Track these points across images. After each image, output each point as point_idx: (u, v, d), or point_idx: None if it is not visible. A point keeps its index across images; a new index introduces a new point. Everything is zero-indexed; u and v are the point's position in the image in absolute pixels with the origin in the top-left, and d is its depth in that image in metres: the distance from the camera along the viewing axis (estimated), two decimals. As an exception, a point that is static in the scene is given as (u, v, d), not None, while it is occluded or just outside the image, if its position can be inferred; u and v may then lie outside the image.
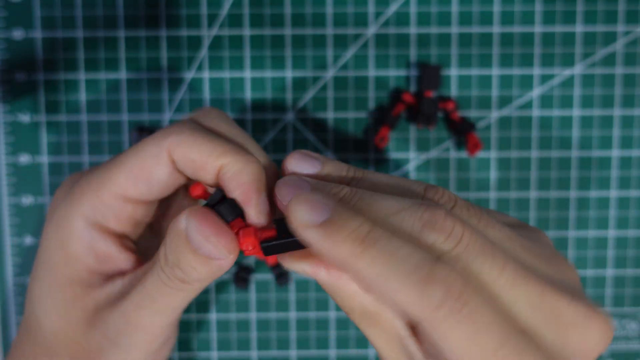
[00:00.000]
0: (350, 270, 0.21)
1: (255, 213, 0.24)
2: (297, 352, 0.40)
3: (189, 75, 0.39)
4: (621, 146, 0.39)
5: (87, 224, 0.26)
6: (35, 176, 0.39)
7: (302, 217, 0.21)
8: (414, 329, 0.22)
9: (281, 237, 0.23)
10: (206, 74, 0.39)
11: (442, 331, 0.19)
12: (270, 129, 0.39)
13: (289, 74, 0.39)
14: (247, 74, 0.38)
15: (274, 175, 0.26)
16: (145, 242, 0.29)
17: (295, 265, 0.23)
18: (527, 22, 0.38)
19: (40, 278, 0.27)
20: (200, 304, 0.40)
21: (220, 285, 0.40)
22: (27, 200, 0.39)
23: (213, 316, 0.40)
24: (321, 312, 0.39)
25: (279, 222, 0.23)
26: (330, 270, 0.23)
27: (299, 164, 0.25)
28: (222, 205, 0.24)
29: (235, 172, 0.24)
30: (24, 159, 0.39)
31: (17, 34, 0.38)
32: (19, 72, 0.38)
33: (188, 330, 0.40)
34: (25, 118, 0.39)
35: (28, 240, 0.39)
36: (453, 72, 0.39)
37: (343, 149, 0.39)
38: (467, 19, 0.38)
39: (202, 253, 0.23)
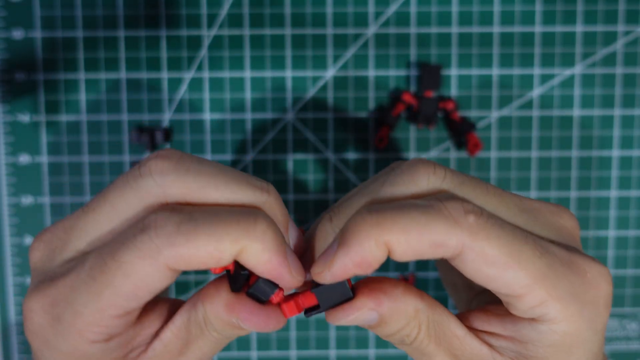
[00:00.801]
0: (381, 246, 0.21)
1: (291, 280, 0.23)
2: (297, 352, 0.40)
3: (189, 75, 0.39)
4: (621, 146, 0.39)
5: (101, 345, 0.23)
6: (35, 176, 0.39)
7: (319, 267, 0.22)
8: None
9: (325, 295, 0.23)
10: (206, 74, 0.39)
11: (483, 247, 0.21)
12: (270, 129, 0.39)
13: (289, 74, 0.39)
14: (247, 74, 0.38)
15: (282, 211, 0.25)
16: None
17: (353, 316, 0.23)
18: (527, 22, 0.38)
19: None
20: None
21: (220, 285, 0.40)
22: (26, 200, 0.39)
23: (213, 316, 0.40)
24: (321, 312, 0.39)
25: (316, 286, 0.23)
26: (386, 291, 0.23)
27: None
28: (256, 287, 0.23)
29: (257, 255, 0.22)
30: (24, 159, 0.39)
31: (17, 33, 0.38)
32: (18, 72, 0.38)
33: (188, 330, 0.40)
34: (25, 118, 0.39)
35: (28, 240, 0.39)
36: (453, 72, 0.39)
37: (343, 149, 0.39)
38: (467, 19, 0.38)
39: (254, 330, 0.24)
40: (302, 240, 0.25)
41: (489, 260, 0.21)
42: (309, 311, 0.23)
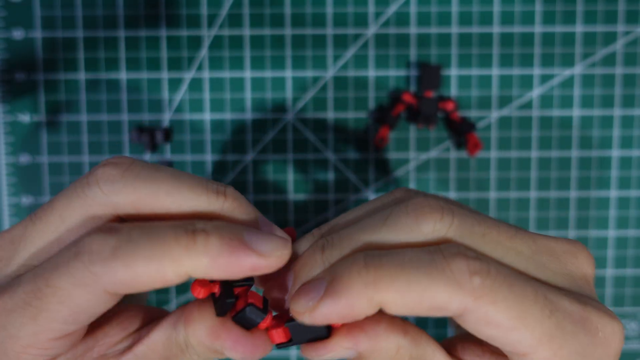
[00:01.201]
0: (374, 305, 0.19)
1: (268, 264, 0.21)
2: (297, 352, 0.40)
3: (189, 75, 0.39)
4: (621, 146, 0.39)
5: None
6: (36, 176, 0.39)
7: (304, 304, 0.20)
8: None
9: (300, 337, 0.22)
10: (206, 74, 0.39)
11: (487, 312, 0.19)
12: (270, 129, 0.39)
13: (289, 74, 0.39)
14: (247, 74, 0.38)
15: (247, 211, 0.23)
16: None
17: (327, 355, 0.22)
18: (527, 22, 0.38)
19: None
20: (200, 304, 0.40)
21: (220, 285, 0.40)
22: (27, 200, 0.39)
23: (213, 316, 0.40)
24: (321, 312, 0.39)
25: (290, 320, 0.22)
26: (365, 330, 0.21)
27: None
28: (243, 315, 0.21)
29: (208, 268, 0.20)
30: (24, 159, 0.39)
31: (18, 33, 0.38)
32: (19, 72, 0.38)
33: (188, 330, 0.40)
34: (25, 118, 0.39)
35: (28, 240, 0.39)
36: (453, 72, 0.39)
37: (343, 149, 0.39)
38: (467, 19, 0.38)
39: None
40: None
41: (492, 323, 0.19)
42: (281, 345, 0.22)
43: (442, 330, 0.40)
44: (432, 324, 0.40)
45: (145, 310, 0.24)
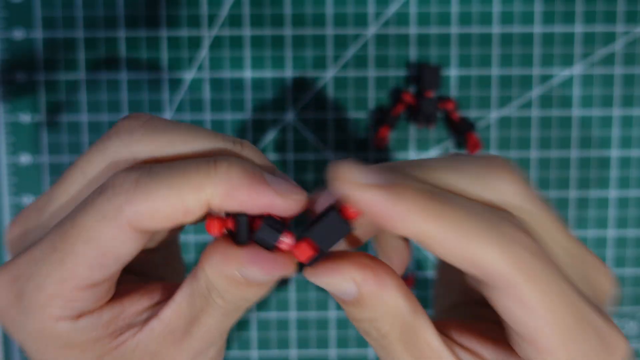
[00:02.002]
0: (423, 233, 0.18)
1: (285, 203, 0.20)
2: (297, 352, 0.40)
3: (190, 75, 0.39)
4: (621, 146, 0.39)
5: (70, 323, 0.21)
6: (36, 176, 0.39)
7: (359, 177, 0.18)
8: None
9: (324, 231, 0.20)
10: (206, 74, 0.39)
11: (522, 291, 0.18)
12: (271, 129, 0.39)
13: (289, 74, 0.39)
14: (248, 74, 0.39)
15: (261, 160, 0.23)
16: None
17: (331, 278, 0.21)
18: (526, 22, 0.38)
19: None
20: (200, 303, 0.40)
21: (221, 285, 0.40)
22: (28, 200, 0.39)
23: (213, 316, 0.40)
24: (321, 312, 0.40)
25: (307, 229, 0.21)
26: (376, 274, 0.20)
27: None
28: (261, 231, 0.20)
29: (227, 193, 0.20)
30: (25, 159, 0.39)
31: (18, 34, 0.38)
32: (19, 72, 0.38)
33: (188, 329, 0.40)
34: (26, 118, 0.39)
35: (29, 240, 0.40)
36: (453, 72, 0.39)
37: (343, 149, 0.39)
38: (466, 19, 0.38)
39: (265, 281, 0.21)
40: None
41: (526, 307, 0.19)
42: (311, 260, 0.21)
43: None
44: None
45: (174, 286, 0.23)
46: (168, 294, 0.23)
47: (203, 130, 0.21)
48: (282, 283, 0.39)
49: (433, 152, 0.39)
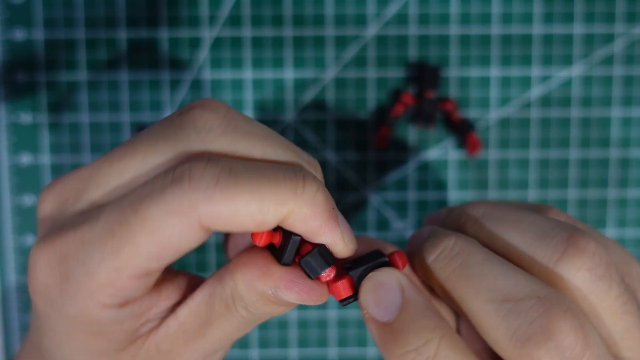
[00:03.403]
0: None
1: (344, 249, 0.20)
2: (297, 352, 0.40)
3: (190, 76, 0.39)
4: (620, 146, 0.39)
5: (114, 312, 0.20)
6: (37, 176, 0.39)
7: (366, 305, 0.19)
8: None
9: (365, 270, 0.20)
10: (207, 75, 0.39)
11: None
12: (271, 129, 0.39)
13: (289, 74, 0.39)
14: (248, 74, 0.39)
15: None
16: None
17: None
18: (526, 22, 0.38)
19: None
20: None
21: (221, 285, 0.40)
22: (29, 200, 0.39)
23: (214, 315, 0.40)
24: (321, 312, 0.40)
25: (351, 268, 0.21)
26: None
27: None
28: (311, 257, 0.19)
29: (306, 220, 0.19)
30: (26, 159, 0.39)
31: (19, 34, 0.38)
32: (20, 73, 0.39)
33: (189, 329, 0.40)
34: (27, 118, 0.39)
35: (29, 240, 0.40)
36: (452, 72, 0.39)
37: (343, 149, 0.39)
38: (466, 19, 0.38)
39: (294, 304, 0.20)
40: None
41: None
42: (346, 300, 0.21)
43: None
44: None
45: (199, 280, 0.22)
46: (190, 290, 0.22)
47: (282, 139, 0.20)
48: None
49: (433, 152, 0.39)
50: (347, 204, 0.39)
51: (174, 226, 0.18)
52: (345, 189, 0.39)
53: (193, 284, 0.22)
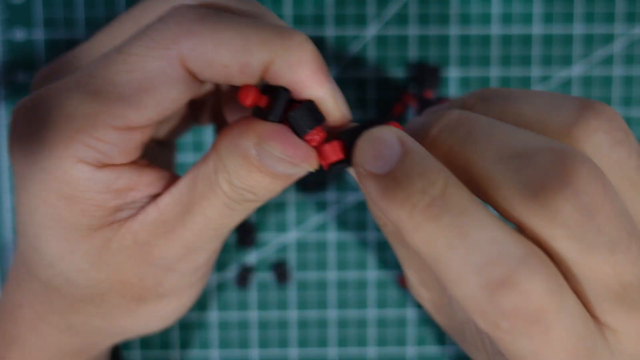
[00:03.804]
0: (405, 237, 0.17)
1: (336, 110, 0.19)
2: (297, 352, 0.40)
3: (190, 76, 0.39)
4: (620, 146, 0.39)
5: (89, 171, 0.19)
6: (37, 176, 0.39)
7: (363, 161, 0.18)
8: None
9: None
10: (207, 75, 0.39)
11: (507, 345, 0.16)
12: (271, 129, 0.39)
13: (289, 74, 0.39)
14: (248, 74, 0.39)
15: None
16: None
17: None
18: (526, 23, 0.38)
19: (53, 243, 0.20)
20: (200, 303, 0.40)
21: (221, 285, 0.40)
22: (28, 200, 0.39)
23: (214, 315, 0.40)
24: (321, 312, 0.40)
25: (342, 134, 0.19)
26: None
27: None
28: (297, 113, 0.18)
29: (294, 67, 0.18)
30: (26, 159, 0.39)
31: (19, 35, 0.38)
32: (21, 73, 0.39)
33: (189, 329, 0.40)
34: (27, 118, 0.39)
35: (30, 240, 0.40)
36: (452, 73, 0.39)
37: (343, 149, 0.39)
38: (466, 19, 0.38)
39: (280, 173, 0.18)
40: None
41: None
42: (334, 165, 0.19)
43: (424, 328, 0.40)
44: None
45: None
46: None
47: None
48: (282, 279, 0.39)
49: (433, 153, 0.39)
50: (347, 204, 0.39)
51: (154, 61, 0.17)
52: (345, 189, 0.39)
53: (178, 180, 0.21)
